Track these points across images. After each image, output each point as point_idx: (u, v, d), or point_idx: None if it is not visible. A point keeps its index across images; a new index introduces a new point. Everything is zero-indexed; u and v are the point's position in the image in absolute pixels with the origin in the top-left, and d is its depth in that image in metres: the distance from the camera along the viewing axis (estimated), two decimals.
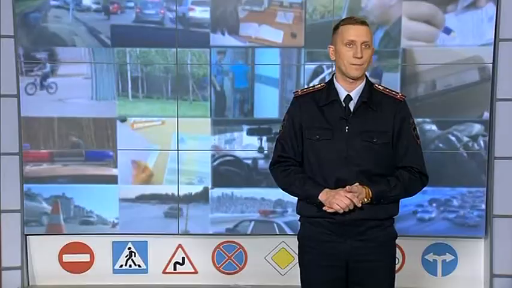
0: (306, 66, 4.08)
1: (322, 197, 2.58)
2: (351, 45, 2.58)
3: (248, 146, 4.16)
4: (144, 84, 4.14)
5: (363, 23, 2.63)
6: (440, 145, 4.11)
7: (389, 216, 2.70)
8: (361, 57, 2.58)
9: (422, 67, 4.05)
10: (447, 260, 4.23)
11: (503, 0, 3.97)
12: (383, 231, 2.67)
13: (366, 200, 2.56)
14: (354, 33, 2.59)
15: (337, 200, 2.53)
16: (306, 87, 2.79)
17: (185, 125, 4.15)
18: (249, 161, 4.16)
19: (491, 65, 4.01)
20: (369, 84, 2.69)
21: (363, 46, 2.58)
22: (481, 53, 4.02)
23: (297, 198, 2.77)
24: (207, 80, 4.12)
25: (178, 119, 4.14)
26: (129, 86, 4.13)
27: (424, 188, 4.01)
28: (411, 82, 4.06)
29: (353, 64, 2.59)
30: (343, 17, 3.93)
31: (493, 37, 3.99)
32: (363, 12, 4.00)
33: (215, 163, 4.18)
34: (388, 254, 2.71)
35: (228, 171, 4.19)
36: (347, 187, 2.55)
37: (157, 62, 4.11)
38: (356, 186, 2.55)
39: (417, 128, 2.76)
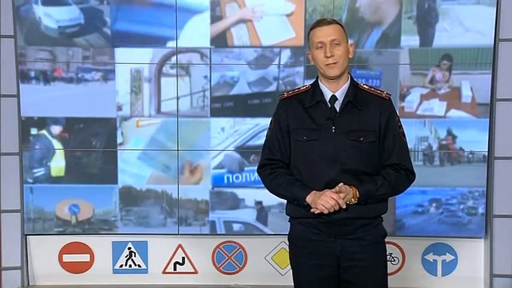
0: (305, 66, 4.09)
1: (309, 199, 2.59)
2: (321, 47, 2.62)
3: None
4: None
5: (330, 23, 2.66)
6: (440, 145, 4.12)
7: (378, 214, 2.70)
8: (333, 56, 2.61)
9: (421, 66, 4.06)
10: (447, 260, 4.23)
11: (503, 0, 3.97)
12: (373, 230, 2.68)
13: (353, 200, 2.58)
14: (320, 34, 2.62)
15: (322, 200, 2.54)
16: (291, 89, 2.80)
17: (187, 123, 4.16)
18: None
19: (491, 65, 4.02)
20: (353, 84, 2.71)
21: (333, 44, 2.61)
22: (481, 53, 4.02)
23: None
24: (208, 79, 4.13)
25: (179, 118, 4.16)
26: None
27: (424, 188, 4.11)
28: (411, 82, 4.07)
29: (327, 64, 2.62)
30: (342, 17, 3.97)
31: (493, 37, 3.99)
32: (361, 12, 4.01)
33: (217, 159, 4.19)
34: (378, 253, 2.71)
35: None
36: (335, 187, 2.56)
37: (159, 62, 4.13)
38: (344, 186, 2.56)
39: (403, 126, 2.76)
